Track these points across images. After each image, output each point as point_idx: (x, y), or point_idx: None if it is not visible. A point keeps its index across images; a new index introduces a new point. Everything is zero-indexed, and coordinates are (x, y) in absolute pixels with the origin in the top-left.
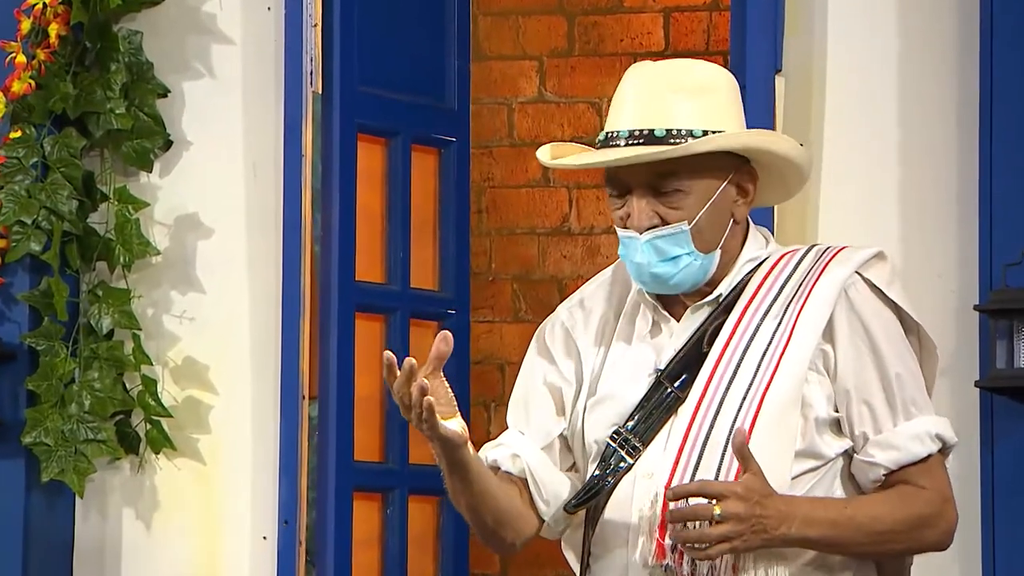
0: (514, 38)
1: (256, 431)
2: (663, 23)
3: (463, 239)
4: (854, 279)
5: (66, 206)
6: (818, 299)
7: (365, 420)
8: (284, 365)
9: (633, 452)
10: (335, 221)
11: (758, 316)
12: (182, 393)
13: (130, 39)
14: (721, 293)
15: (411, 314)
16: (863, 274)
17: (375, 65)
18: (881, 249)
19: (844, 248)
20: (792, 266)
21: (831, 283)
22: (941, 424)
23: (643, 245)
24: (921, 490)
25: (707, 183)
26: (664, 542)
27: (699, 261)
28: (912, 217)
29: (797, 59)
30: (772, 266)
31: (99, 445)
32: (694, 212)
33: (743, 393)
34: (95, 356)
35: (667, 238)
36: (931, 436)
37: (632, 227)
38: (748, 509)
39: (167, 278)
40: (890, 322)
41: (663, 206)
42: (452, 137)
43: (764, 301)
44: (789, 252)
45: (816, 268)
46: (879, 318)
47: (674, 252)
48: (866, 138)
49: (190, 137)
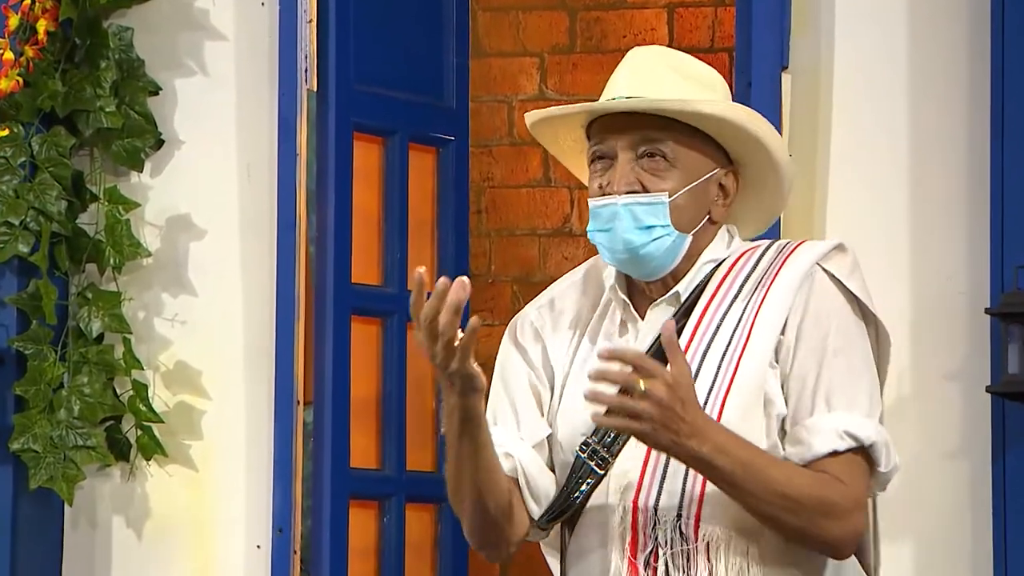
0: (514, 34)
1: (250, 437)
2: (667, 19)
3: (462, 240)
4: (814, 270)
5: (55, 206)
6: (777, 293)
7: (361, 426)
8: (278, 369)
9: (603, 463)
10: (330, 222)
11: (718, 316)
12: (174, 398)
13: (120, 35)
14: (680, 292)
15: (408, 317)
16: (823, 265)
17: (371, 62)
18: (842, 241)
19: (804, 242)
20: (752, 263)
21: (791, 276)
22: (860, 423)
23: (620, 208)
24: (838, 481)
25: (693, 164)
26: (636, 561)
27: (672, 237)
28: (922, 218)
29: (804, 56)
30: (732, 265)
31: (89, 452)
32: (676, 187)
33: (704, 397)
34: (84, 360)
35: (645, 206)
36: (840, 433)
37: (611, 192)
38: (670, 399)
39: (158, 280)
40: (845, 314)
41: (646, 173)
42: (451, 136)
43: (724, 301)
44: (750, 249)
45: (776, 263)
46: (834, 309)
47: (650, 221)
48: (875, 137)
49: (182, 136)
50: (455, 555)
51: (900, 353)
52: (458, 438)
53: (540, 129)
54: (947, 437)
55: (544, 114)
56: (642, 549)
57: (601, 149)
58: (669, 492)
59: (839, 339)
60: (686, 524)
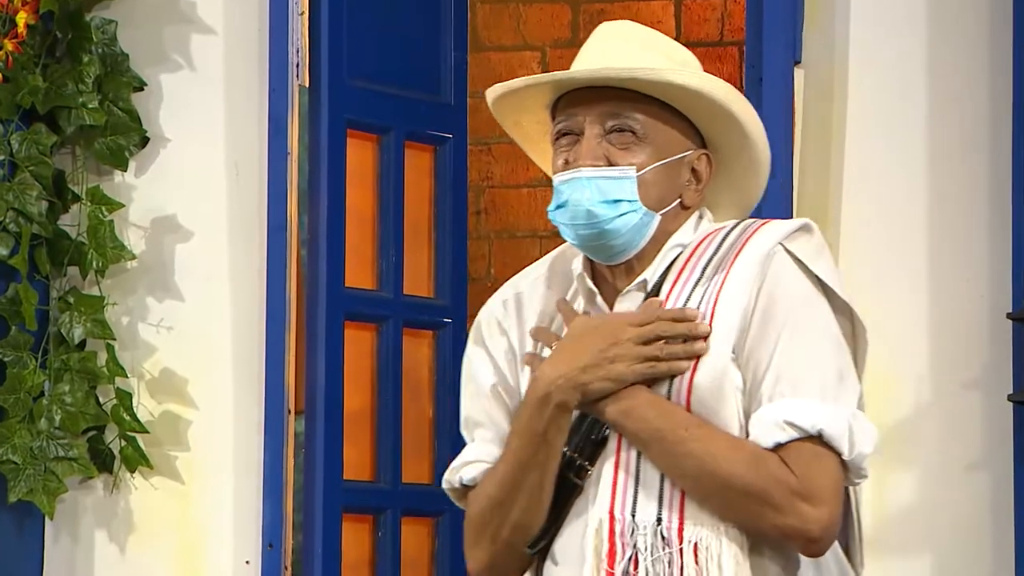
0: (515, 27)
1: (238, 448)
2: (674, 11)
3: (460, 242)
4: (776, 250)
5: (35, 207)
6: (737, 275)
7: (355, 437)
8: (268, 377)
9: (580, 472)
10: (323, 223)
11: (680, 302)
12: (159, 407)
13: (104, 29)
14: (646, 279)
15: (404, 323)
16: (786, 246)
17: (366, 56)
18: (809, 221)
19: (767, 223)
20: (715, 245)
21: (751, 258)
22: (805, 410)
23: (586, 181)
24: (784, 470)
25: (664, 141)
26: (614, 571)
27: (639, 214)
28: (940, 219)
29: (818, 50)
30: (695, 248)
31: (70, 463)
32: (644, 163)
33: (665, 394)
34: (66, 368)
35: (612, 180)
36: (780, 424)
37: (576, 165)
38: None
39: (143, 284)
40: (807, 297)
41: (614, 148)
42: (448, 133)
43: (686, 285)
44: (714, 231)
45: (737, 244)
46: (794, 291)
47: (616, 195)
48: (892, 135)
49: (168, 133)
50: (452, 571)
51: (918, 359)
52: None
53: (502, 109)
54: (967, 447)
55: (506, 87)
56: (620, 559)
57: (567, 125)
58: (646, 495)
59: (792, 323)
60: (668, 528)
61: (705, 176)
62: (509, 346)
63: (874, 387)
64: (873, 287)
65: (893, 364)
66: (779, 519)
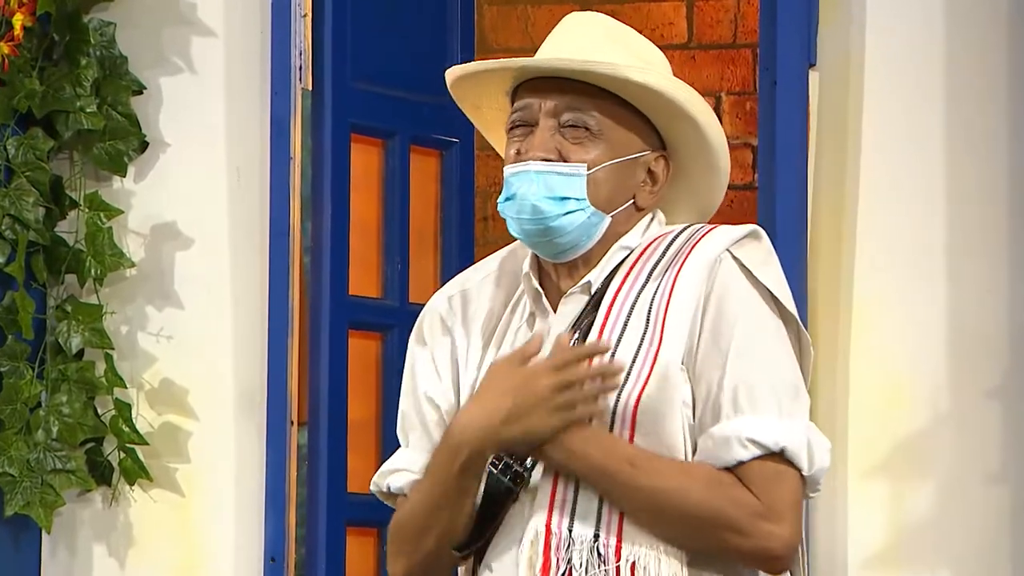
0: (523, 29)
1: (240, 460)
2: (686, 12)
3: (467, 250)
4: (723, 258)
5: (32, 214)
6: (684, 283)
7: (359, 448)
8: (270, 388)
9: (517, 479)
10: (326, 230)
11: (626, 308)
12: (159, 418)
13: (102, 31)
14: (591, 281)
15: (409, 332)
16: (733, 252)
17: (370, 59)
18: (757, 227)
19: (716, 227)
20: (662, 249)
21: (697, 266)
22: (767, 427)
23: (534, 175)
24: (745, 491)
25: (619, 140)
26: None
27: (587, 214)
28: (960, 226)
29: (833, 52)
30: (641, 253)
31: (68, 475)
32: (597, 161)
33: (612, 407)
34: (64, 378)
35: (561, 176)
36: (740, 439)
37: (526, 157)
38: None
39: (143, 292)
40: (754, 306)
41: (567, 142)
42: (455, 137)
43: (632, 290)
44: (662, 235)
45: (685, 249)
46: (741, 300)
47: (564, 192)
48: (909, 139)
49: (168, 138)
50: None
51: (936, 368)
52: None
53: (462, 92)
54: (986, 458)
55: (463, 70)
56: (554, 573)
57: (522, 116)
58: (584, 509)
59: (745, 335)
60: (605, 545)
61: (662, 178)
62: (452, 346)
63: (891, 397)
64: (890, 295)
65: (910, 374)
66: (743, 542)
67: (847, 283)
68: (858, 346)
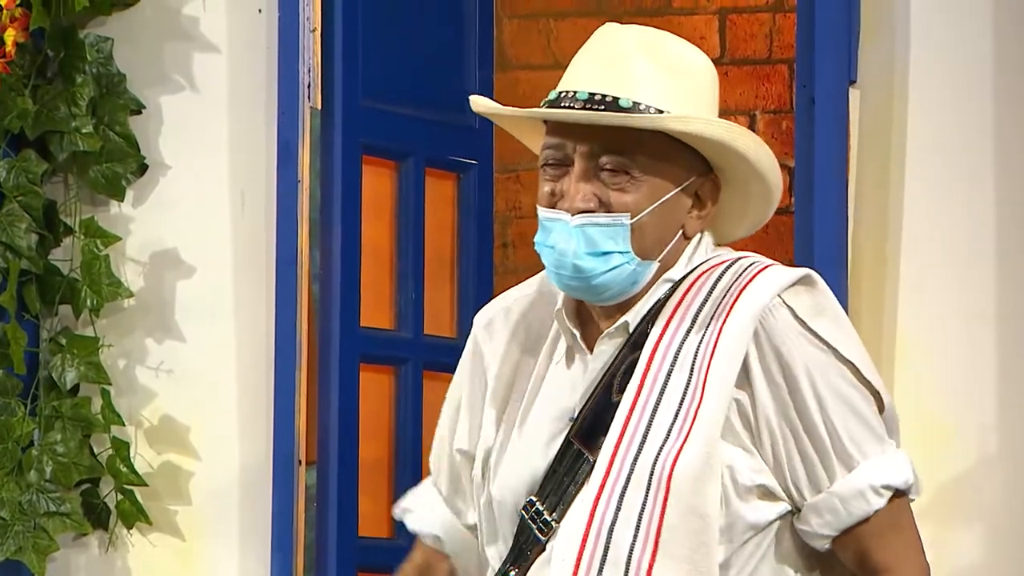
0: (545, 44)
1: (245, 502)
2: (718, 27)
3: (486, 278)
4: (774, 305)
5: (24, 241)
6: (730, 335)
7: (371, 489)
8: (277, 425)
9: (545, 528)
10: (336, 257)
11: (668, 359)
12: (159, 458)
13: (99, 47)
14: (628, 321)
15: (425, 365)
16: (786, 300)
17: (383, 76)
18: (810, 271)
19: (766, 268)
20: (708, 288)
21: (745, 314)
22: (890, 468)
23: (573, 230)
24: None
25: (662, 176)
26: None
27: (632, 265)
28: (1011, 250)
29: (875, 68)
30: (686, 291)
31: (62, 519)
32: (640, 206)
33: (651, 464)
34: (58, 415)
35: (602, 228)
36: (875, 488)
37: (563, 208)
38: None
39: (142, 324)
40: (816, 356)
41: (607, 188)
42: (472, 159)
43: (674, 341)
44: (707, 271)
45: (733, 291)
46: (801, 352)
47: (606, 247)
48: (956, 159)
49: (168, 160)
50: None
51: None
52: None
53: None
54: None
55: (487, 108)
56: None
57: (555, 155)
58: (614, 564)
59: (817, 386)
60: None
61: (709, 201)
62: (480, 370)
63: (934, 438)
64: (935, 327)
65: (955, 412)
66: None
67: (890, 316)
68: (902, 383)
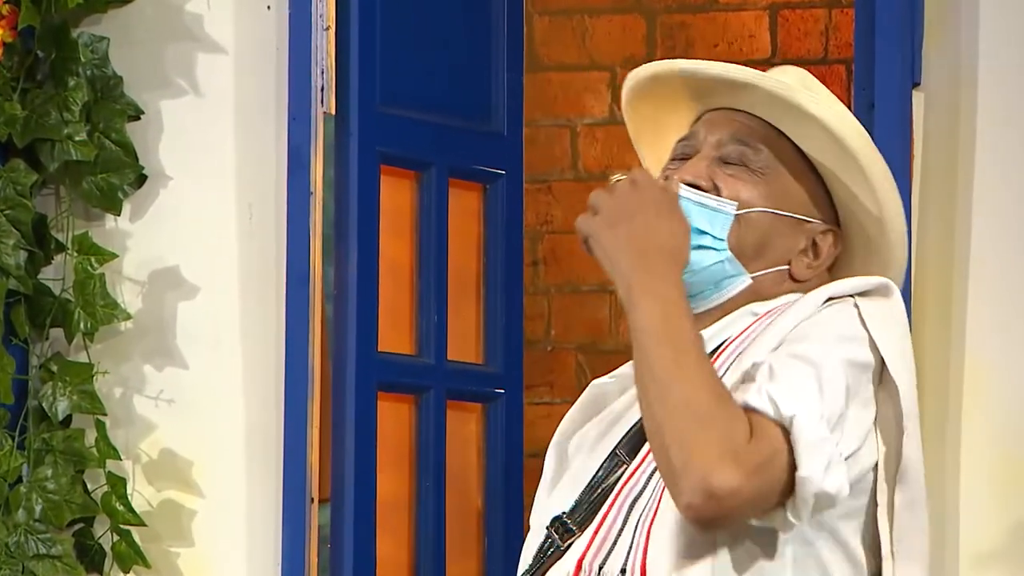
0: (579, 43)
1: (252, 543)
2: (769, 23)
3: (515, 299)
4: (844, 300)
5: (12, 258)
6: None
7: (390, 529)
8: (287, 459)
9: (566, 535)
10: (352, 276)
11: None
12: (158, 495)
13: (93, 47)
14: (704, 337)
15: (448, 394)
16: (858, 302)
17: (402, 79)
18: (889, 280)
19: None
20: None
21: (808, 302)
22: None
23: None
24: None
25: (784, 189)
26: None
27: (722, 258)
28: None
29: (941, 69)
30: (766, 313)
31: (53, 562)
32: (751, 203)
33: None
34: (48, 449)
35: (704, 209)
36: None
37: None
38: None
39: (140, 349)
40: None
41: (722, 173)
42: (500, 169)
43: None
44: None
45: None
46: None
47: (702, 226)
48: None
49: (169, 170)
50: None
51: None
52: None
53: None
54: None
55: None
56: None
57: (684, 149)
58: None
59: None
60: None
61: (825, 255)
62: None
63: (1002, 471)
64: (1009, 355)
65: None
66: (711, 451)
67: (958, 339)
68: (971, 414)
